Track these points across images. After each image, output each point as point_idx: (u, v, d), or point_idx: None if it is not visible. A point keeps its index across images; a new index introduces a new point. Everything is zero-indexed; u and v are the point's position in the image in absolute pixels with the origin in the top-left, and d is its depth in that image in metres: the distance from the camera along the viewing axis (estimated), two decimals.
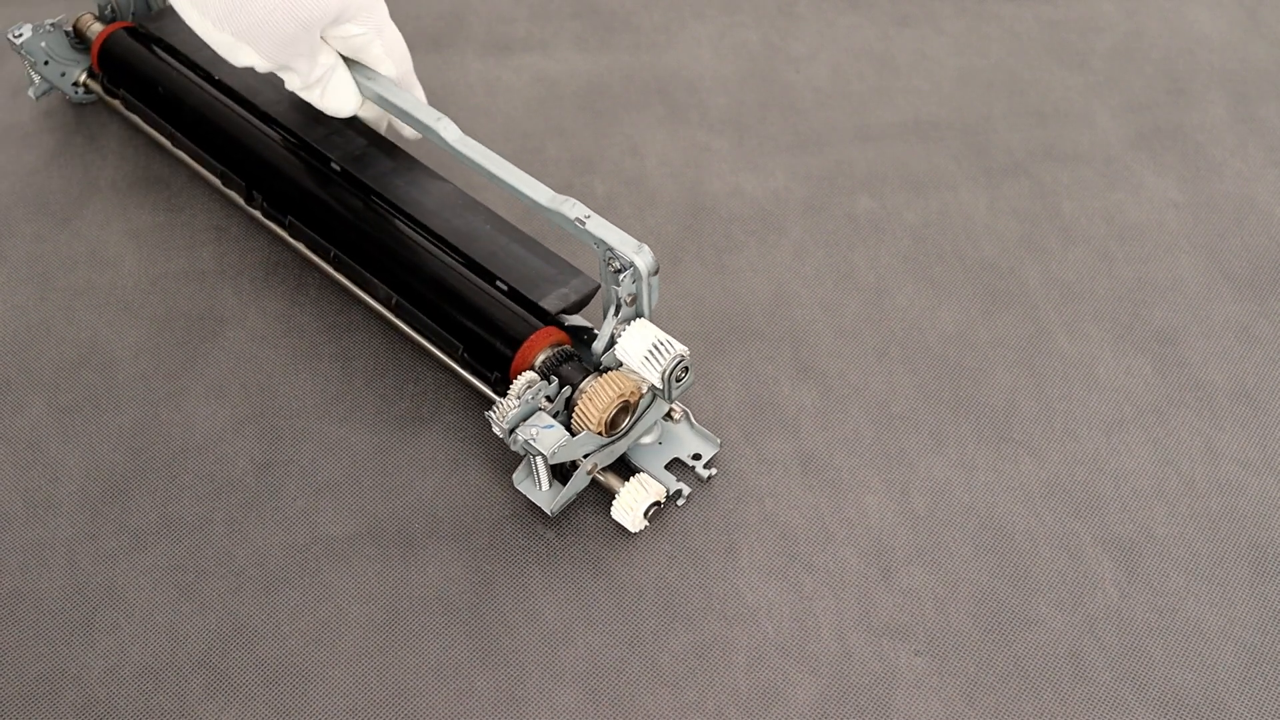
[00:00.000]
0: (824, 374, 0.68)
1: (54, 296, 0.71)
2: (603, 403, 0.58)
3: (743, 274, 0.73)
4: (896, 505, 0.62)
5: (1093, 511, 0.62)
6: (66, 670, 0.56)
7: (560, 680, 0.56)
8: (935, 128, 0.82)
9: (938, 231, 0.75)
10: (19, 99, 0.82)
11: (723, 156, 0.80)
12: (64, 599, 0.59)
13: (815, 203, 0.77)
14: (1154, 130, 0.82)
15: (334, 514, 0.62)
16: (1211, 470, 0.64)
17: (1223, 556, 0.60)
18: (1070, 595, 0.59)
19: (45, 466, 0.63)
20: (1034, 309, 0.71)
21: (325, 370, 0.68)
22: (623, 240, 0.58)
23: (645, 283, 0.58)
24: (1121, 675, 0.56)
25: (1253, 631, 0.58)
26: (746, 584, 0.59)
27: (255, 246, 0.73)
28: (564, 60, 0.86)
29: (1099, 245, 0.75)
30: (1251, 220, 0.76)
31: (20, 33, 0.77)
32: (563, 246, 0.68)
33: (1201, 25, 0.89)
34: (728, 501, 0.62)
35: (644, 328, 0.59)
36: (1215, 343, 0.70)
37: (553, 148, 0.80)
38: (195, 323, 0.70)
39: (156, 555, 0.60)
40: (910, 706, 0.55)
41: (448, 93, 0.83)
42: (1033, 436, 0.65)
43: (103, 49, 0.77)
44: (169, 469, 0.63)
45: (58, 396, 0.66)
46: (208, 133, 0.73)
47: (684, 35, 0.88)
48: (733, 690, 0.56)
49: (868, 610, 0.58)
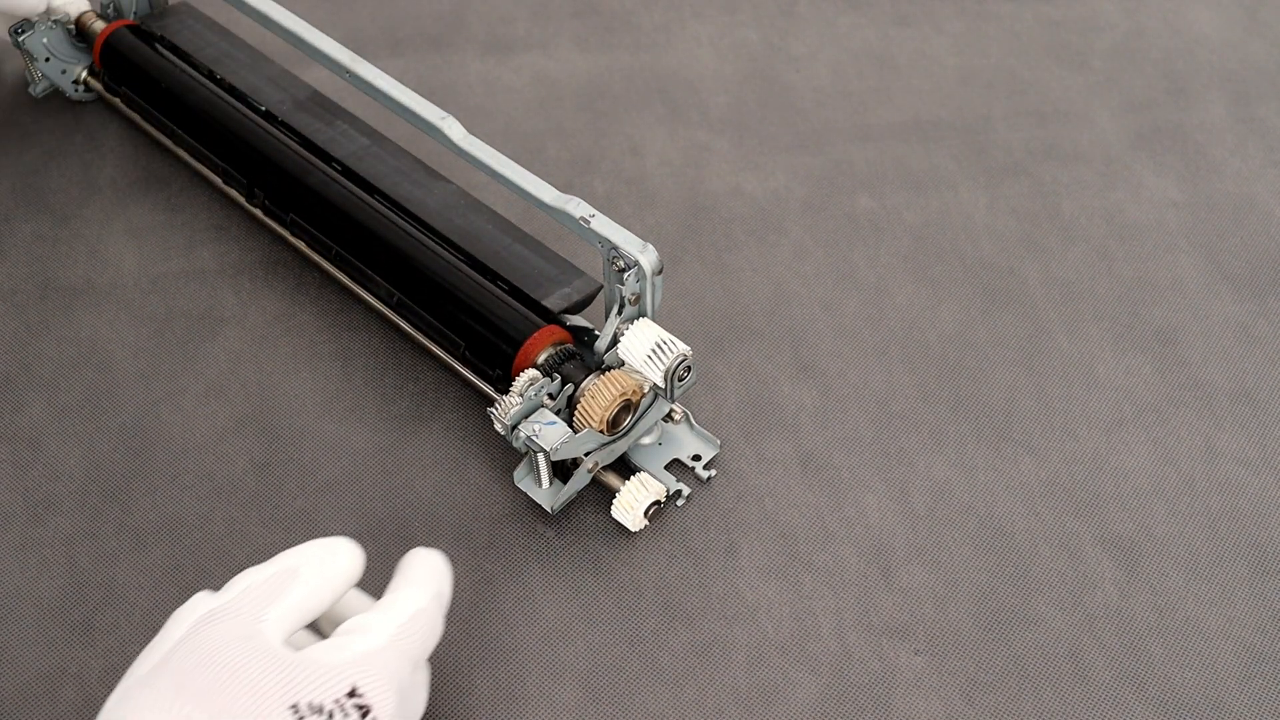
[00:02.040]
0: (824, 373, 0.68)
1: (54, 296, 0.71)
2: (605, 400, 0.58)
3: (743, 273, 0.73)
4: (896, 505, 0.62)
5: (1092, 511, 0.62)
6: (66, 670, 0.56)
7: (560, 679, 0.56)
8: (935, 127, 0.82)
9: (937, 231, 0.75)
10: (19, 97, 0.81)
11: (723, 156, 0.80)
12: (64, 599, 0.59)
13: (815, 202, 0.77)
14: (1154, 130, 0.82)
15: (334, 514, 0.62)
16: (1211, 469, 0.64)
17: (1222, 556, 0.60)
18: (1070, 595, 0.59)
19: (45, 466, 0.63)
20: (1034, 308, 0.71)
21: (325, 369, 0.68)
22: (627, 239, 0.58)
23: (649, 282, 0.59)
24: (1121, 675, 0.56)
25: (1253, 631, 0.58)
26: (746, 583, 0.59)
27: (255, 245, 0.73)
28: (564, 60, 0.86)
29: (1099, 245, 0.75)
30: (1251, 220, 0.76)
31: (23, 29, 0.77)
32: (563, 247, 0.68)
33: (1201, 25, 0.89)
34: (728, 501, 0.62)
35: (647, 327, 0.59)
36: (1215, 342, 0.70)
37: (553, 148, 0.80)
38: (195, 322, 0.70)
39: (156, 555, 0.60)
40: (910, 706, 0.55)
41: (448, 93, 0.83)
42: (1032, 436, 0.65)
43: (105, 46, 0.77)
44: (169, 469, 0.63)
45: (57, 396, 0.66)
46: (210, 131, 0.73)
47: (684, 35, 0.88)
48: (732, 689, 0.56)
49: (867, 609, 0.58)
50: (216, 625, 0.46)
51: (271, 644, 0.46)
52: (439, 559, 0.53)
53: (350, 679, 0.45)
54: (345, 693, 0.45)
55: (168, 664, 0.45)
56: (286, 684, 0.44)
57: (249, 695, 0.44)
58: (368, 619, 0.48)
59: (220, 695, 0.44)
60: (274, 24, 0.69)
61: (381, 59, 0.85)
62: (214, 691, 0.44)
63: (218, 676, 0.44)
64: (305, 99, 0.74)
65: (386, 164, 0.70)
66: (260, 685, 0.44)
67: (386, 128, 0.74)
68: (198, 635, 0.46)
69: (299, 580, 0.48)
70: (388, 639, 0.48)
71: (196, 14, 0.81)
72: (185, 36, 0.78)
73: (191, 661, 0.45)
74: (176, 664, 0.45)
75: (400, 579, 0.52)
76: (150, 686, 0.44)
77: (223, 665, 0.44)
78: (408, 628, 0.49)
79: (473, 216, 0.67)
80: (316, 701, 0.44)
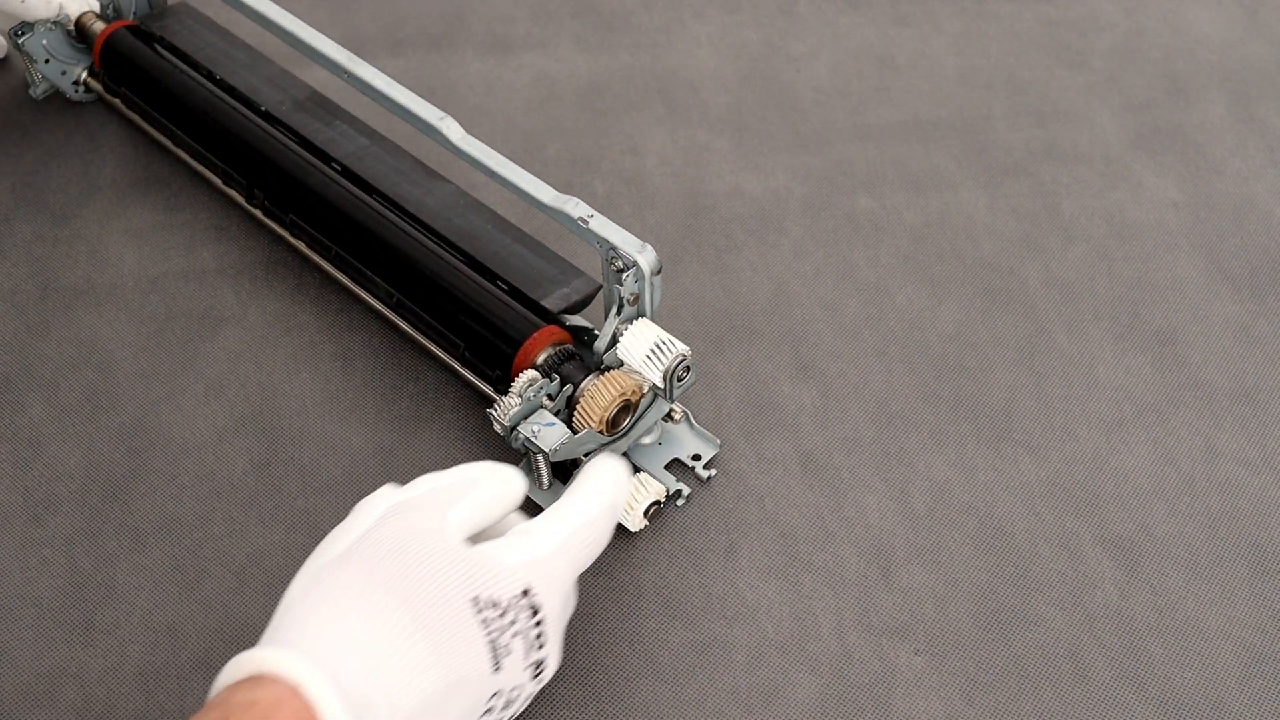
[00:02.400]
0: (824, 373, 0.68)
1: (54, 296, 0.71)
2: (605, 401, 0.58)
3: (743, 273, 0.73)
4: (896, 505, 0.62)
5: (1092, 511, 0.62)
6: (66, 670, 0.56)
7: (559, 678, 0.56)
8: (935, 127, 0.82)
9: (937, 231, 0.75)
10: (19, 98, 0.81)
11: (723, 156, 0.80)
12: (64, 599, 0.59)
13: (815, 202, 0.77)
14: (1154, 130, 0.82)
15: (334, 514, 0.62)
16: (1211, 469, 0.64)
17: (1222, 556, 0.60)
18: (1070, 594, 0.59)
19: (45, 466, 0.63)
20: (1034, 308, 0.71)
21: (325, 369, 0.68)
22: (626, 240, 0.58)
23: (648, 282, 0.59)
24: (1121, 675, 0.56)
25: (1253, 631, 0.58)
26: (746, 583, 0.59)
27: (255, 245, 0.73)
28: (564, 60, 0.86)
29: (1099, 245, 0.75)
30: (1251, 220, 0.76)
31: (22, 31, 0.77)
32: (563, 247, 0.68)
33: (1201, 25, 0.89)
34: (728, 501, 0.62)
35: (646, 327, 0.59)
36: (1215, 342, 0.70)
37: (553, 147, 0.80)
38: (195, 322, 0.70)
39: (156, 555, 0.60)
40: (910, 705, 0.55)
41: (448, 93, 0.83)
42: (1032, 436, 0.65)
43: (105, 46, 0.77)
44: (169, 469, 0.63)
45: (57, 396, 0.66)
46: (210, 131, 0.73)
47: (684, 35, 0.88)
48: (732, 689, 0.56)
49: (867, 609, 0.58)
50: (404, 517, 0.49)
51: (454, 539, 0.48)
52: (620, 470, 0.55)
53: (525, 580, 0.48)
54: (519, 592, 0.48)
55: (359, 549, 0.48)
56: (469, 578, 0.47)
57: (435, 585, 0.46)
58: (542, 523, 0.51)
59: (408, 583, 0.46)
60: (272, 24, 0.69)
61: (381, 59, 0.85)
62: (402, 578, 0.46)
63: (407, 564, 0.47)
64: (304, 99, 0.75)
65: (386, 164, 0.70)
66: (446, 576, 0.47)
67: (386, 128, 0.74)
68: (387, 525, 0.48)
69: (479, 488, 0.51)
70: (559, 544, 0.50)
71: (196, 14, 0.81)
72: (184, 37, 0.78)
73: (383, 549, 0.47)
74: (368, 550, 0.47)
75: (579, 484, 0.54)
76: (342, 569, 0.47)
77: (411, 555, 0.47)
78: (578, 535, 0.51)
79: (472, 216, 0.67)
80: (494, 597, 0.47)
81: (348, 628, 0.45)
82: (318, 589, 0.47)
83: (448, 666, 0.46)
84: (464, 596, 0.47)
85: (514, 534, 0.50)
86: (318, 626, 0.45)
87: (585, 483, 0.54)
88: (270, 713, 0.42)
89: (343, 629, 0.45)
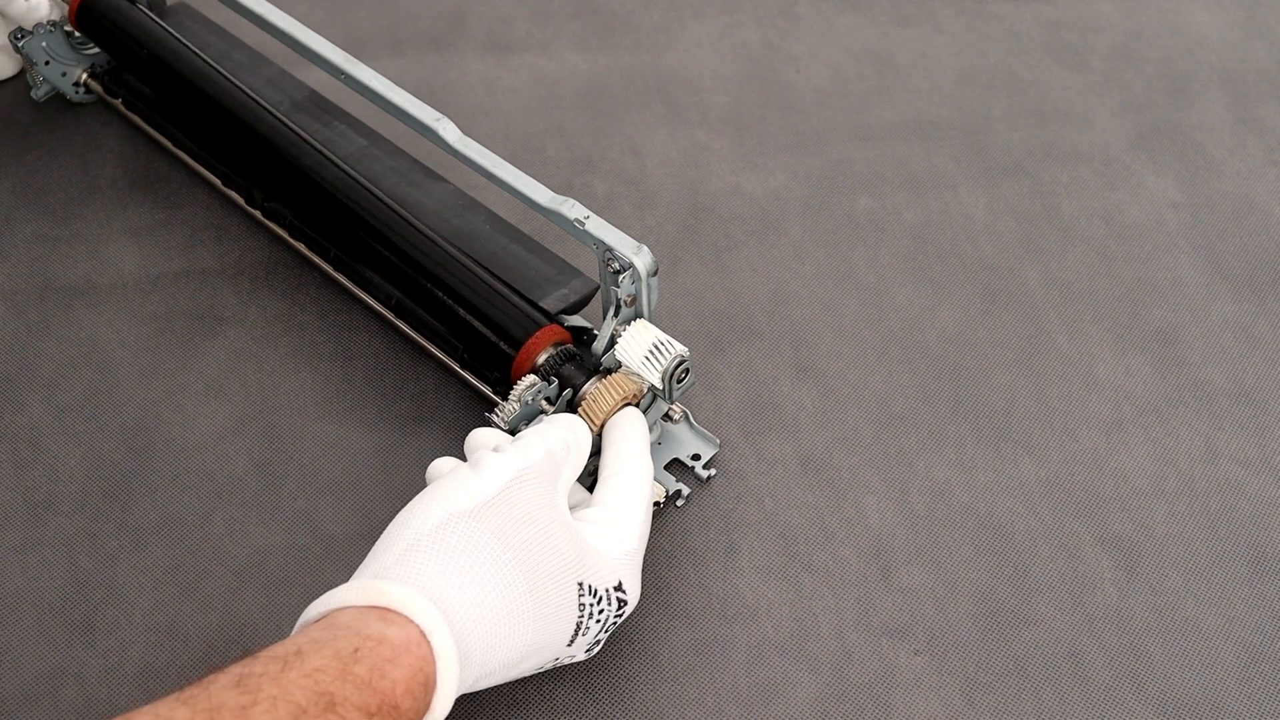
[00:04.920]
0: (824, 374, 0.68)
1: (54, 296, 0.71)
2: (606, 406, 0.58)
3: (742, 274, 0.73)
4: (896, 505, 0.62)
5: (1092, 511, 0.62)
6: (66, 670, 0.56)
7: (559, 678, 0.56)
8: (935, 127, 0.82)
9: (937, 231, 0.75)
10: (19, 98, 0.82)
11: (723, 156, 0.80)
12: (64, 599, 0.59)
13: (815, 202, 0.77)
14: (1153, 130, 0.82)
15: (334, 514, 0.62)
16: (1211, 470, 0.64)
17: (1222, 556, 0.60)
18: (1070, 595, 0.59)
19: (45, 466, 0.63)
20: (1033, 309, 0.71)
21: (325, 369, 0.68)
22: (622, 241, 0.58)
23: (645, 283, 0.59)
24: (1121, 675, 0.56)
25: (1252, 631, 0.58)
26: (746, 583, 0.59)
27: (255, 245, 0.73)
28: (564, 60, 0.86)
29: (1098, 245, 0.75)
30: (1251, 220, 0.76)
31: (22, 34, 0.77)
32: (562, 247, 0.68)
33: (1201, 25, 0.89)
34: (727, 501, 0.62)
35: (644, 328, 0.59)
36: (1215, 343, 0.70)
37: (553, 148, 0.80)
38: (195, 321, 0.70)
39: (156, 555, 0.60)
40: (909, 705, 0.55)
41: (448, 93, 0.83)
42: (1032, 436, 0.65)
43: (81, 7, 0.76)
44: (169, 469, 0.63)
45: (57, 395, 0.66)
46: (209, 131, 0.73)
47: (684, 35, 0.88)
48: (732, 688, 0.56)
49: (867, 609, 0.58)
50: (532, 486, 0.52)
51: (567, 515, 0.52)
52: (644, 429, 0.58)
53: (619, 574, 0.53)
54: (614, 585, 0.53)
55: (493, 512, 0.50)
56: (580, 562, 0.51)
57: (554, 560, 0.50)
58: (625, 511, 0.55)
59: (532, 553, 0.50)
60: (270, 25, 0.69)
61: (381, 59, 0.85)
62: (529, 548, 0.50)
63: (534, 536, 0.50)
64: (303, 99, 0.75)
65: (384, 164, 0.70)
66: (564, 555, 0.51)
67: (385, 128, 0.74)
68: (518, 491, 0.51)
69: (575, 453, 0.55)
70: (638, 544, 0.54)
71: (195, 15, 0.81)
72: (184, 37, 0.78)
73: (514, 515, 0.50)
74: (501, 514, 0.50)
75: (624, 456, 0.57)
76: (475, 526, 0.50)
77: (538, 528, 0.51)
78: (645, 534, 0.55)
79: (470, 217, 0.67)
80: (596, 585, 0.52)
81: (475, 589, 0.48)
82: (449, 537, 0.49)
83: (540, 633, 0.50)
84: (574, 578, 0.51)
85: (601, 521, 0.54)
86: (445, 578, 0.48)
87: (628, 456, 0.56)
88: (398, 655, 0.45)
89: (470, 588, 0.48)
